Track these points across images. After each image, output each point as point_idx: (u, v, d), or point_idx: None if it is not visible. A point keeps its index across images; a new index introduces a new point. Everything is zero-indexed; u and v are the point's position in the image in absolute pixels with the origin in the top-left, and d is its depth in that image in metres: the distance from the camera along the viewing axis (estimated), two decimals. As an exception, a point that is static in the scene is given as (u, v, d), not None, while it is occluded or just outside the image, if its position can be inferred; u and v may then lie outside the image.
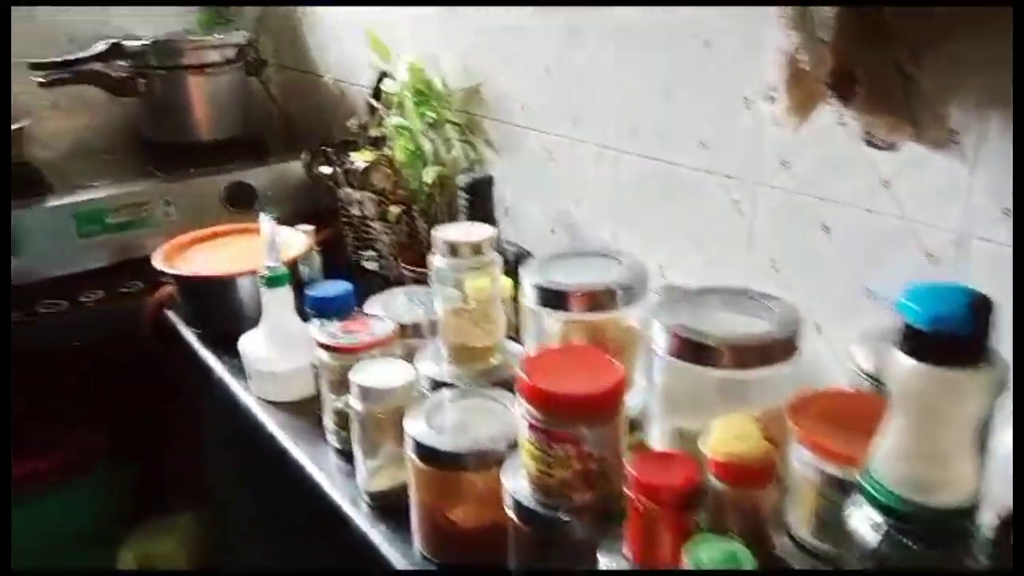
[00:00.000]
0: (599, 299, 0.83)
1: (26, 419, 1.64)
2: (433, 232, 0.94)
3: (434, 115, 1.41)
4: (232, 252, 1.40)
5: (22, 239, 1.45)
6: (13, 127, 1.54)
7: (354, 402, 0.89)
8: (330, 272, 1.42)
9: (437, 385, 0.93)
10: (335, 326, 1.01)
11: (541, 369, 0.71)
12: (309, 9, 1.83)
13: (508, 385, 0.87)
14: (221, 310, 1.31)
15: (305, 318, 1.10)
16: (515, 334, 1.02)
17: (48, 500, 1.62)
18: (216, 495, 1.58)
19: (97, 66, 1.62)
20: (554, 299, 0.84)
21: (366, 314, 1.05)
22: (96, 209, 1.52)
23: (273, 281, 1.12)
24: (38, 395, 1.67)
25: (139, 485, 1.77)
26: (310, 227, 1.48)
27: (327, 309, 1.04)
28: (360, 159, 1.51)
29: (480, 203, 1.30)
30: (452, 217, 1.43)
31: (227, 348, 1.27)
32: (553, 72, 1.25)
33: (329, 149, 1.58)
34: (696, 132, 1.05)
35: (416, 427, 0.81)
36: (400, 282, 1.47)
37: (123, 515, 1.76)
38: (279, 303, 1.13)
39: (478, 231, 0.93)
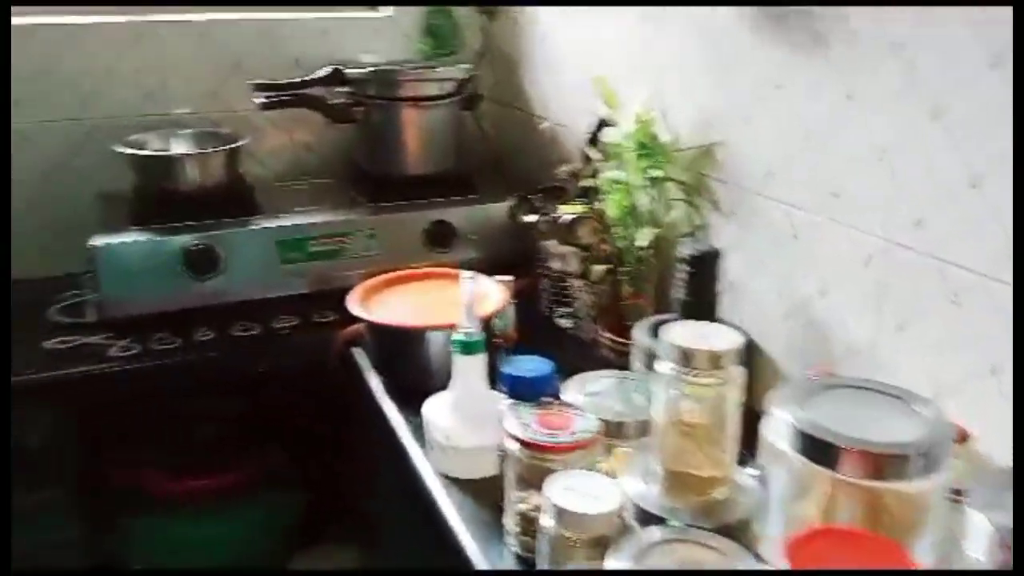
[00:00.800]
0: (886, 464, 0.63)
1: (204, 437, 1.66)
2: (662, 332, 0.79)
3: (659, 171, 1.26)
4: (427, 299, 1.31)
5: (225, 258, 1.45)
6: (234, 144, 1.55)
7: (546, 520, 0.75)
8: (522, 326, 1.31)
9: (645, 515, 0.77)
10: (530, 413, 0.88)
11: (811, 557, 0.53)
12: (535, 46, 1.75)
13: (733, 531, 0.70)
14: (409, 362, 1.22)
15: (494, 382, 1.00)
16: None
17: (215, 517, 1.61)
18: (381, 534, 1.51)
19: (317, 91, 1.61)
20: (821, 453, 0.65)
21: (566, 405, 0.91)
22: (299, 237, 1.50)
23: (467, 347, 1.01)
24: (219, 414, 1.68)
25: (306, 511, 1.73)
26: (508, 278, 1.38)
27: (524, 391, 0.92)
28: (568, 211, 1.39)
29: (702, 278, 1.14)
30: (664, 286, 1.27)
31: (409, 401, 1.19)
32: (815, 138, 1.06)
33: (536, 196, 1.47)
34: (1009, 232, 0.83)
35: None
36: (596, 346, 1.34)
37: (287, 539, 1.73)
38: (471, 371, 1.02)
39: (721, 338, 0.76)
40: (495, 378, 1.00)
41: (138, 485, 1.56)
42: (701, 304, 1.12)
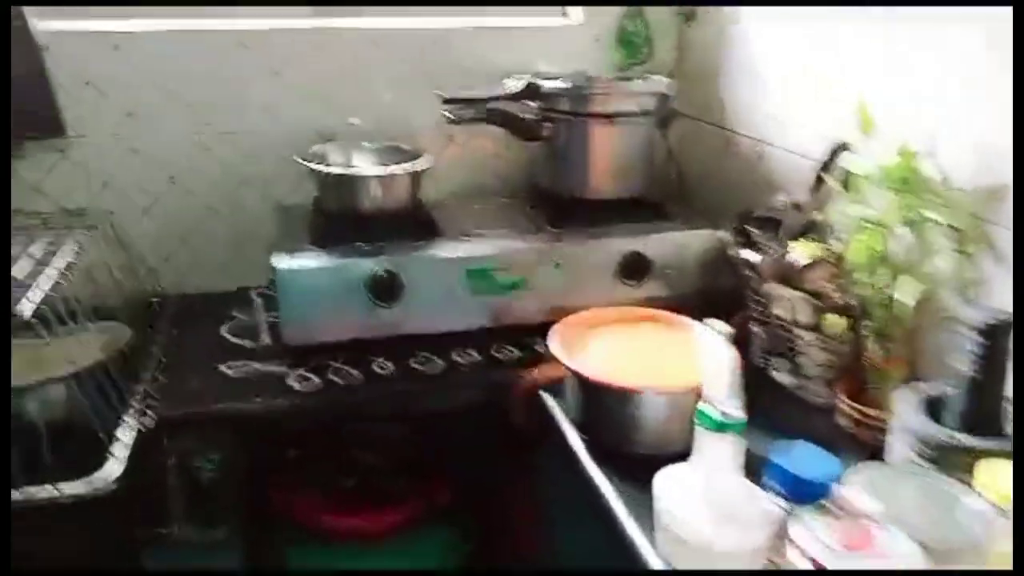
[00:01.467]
0: None
1: (371, 469, 1.57)
2: None
3: (929, 212, 1.07)
4: (637, 346, 1.17)
5: (408, 285, 1.35)
6: (414, 168, 1.44)
7: None
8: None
9: None
10: (820, 523, 0.72)
11: None
12: (738, 53, 1.57)
13: None
14: (618, 421, 1.08)
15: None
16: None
17: (378, 552, 1.52)
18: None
19: (507, 105, 1.49)
20: None
21: (862, 515, 0.74)
22: (485, 266, 1.38)
23: (723, 427, 0.85)
24: (388, 445, 1.60)
25: (471, 556, 1.62)
26: (726, 327, 1.22)
27: (802, 492, 0.76)
28: (801, 251, 1.21)
29: (994, 352, 0.94)
30: (926, 353, 1.08)
31: (613, 463, 1.06)
32: None
33: (754, 230, 1.30)
34: None
35: None
36: (830, 414, 1.16)
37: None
38: (724, 454, 0.87)
39: None
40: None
41: (303, 517, 1.49)
42: (992, 383, 0.93)
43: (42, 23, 1.44)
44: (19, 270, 1.16)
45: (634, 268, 1.43)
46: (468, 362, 1.36)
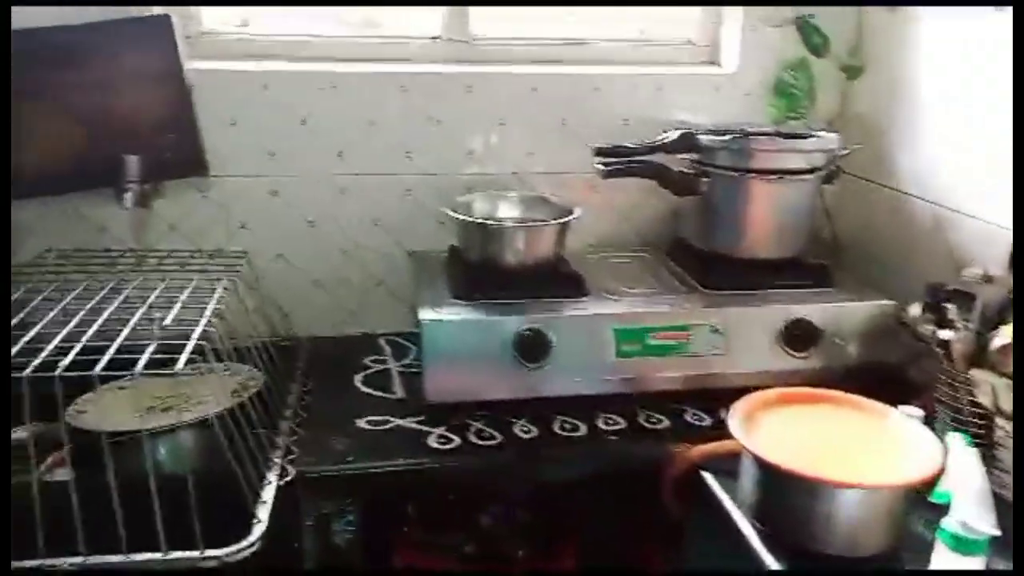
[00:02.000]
0: None
1: (499, 532, 1.49)
2: None
3: None
4: (819, 428, 1.06)
5: (556, 345, 1.27)
6: (567, 216, 1.37)
7: None
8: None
9: None
10: None
11: None
12: (912, 110, 1.46)
13: None
14: (810, 518, 0.97)
15: None
16: None
17: None
18: None
19: (661, 157, 1.41)
20: None
21: None
22: (638, 328, 1.29)
23: (972, 546, 0.74)
24: (521, 508, 1.51)
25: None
26: (916, 410, 1.10)
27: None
28: (1005, 332, 1.09)
29: None
30: None
31: (800, 563, 0.96)
32: None
33: (949, 306, 1.17)
34: None
35: None
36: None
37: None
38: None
39: None
40: None
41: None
42: None
43: (193, 63, 1.44)
44: (157, 310, 1.13)
45: (800, 337, 1.32)
46: (613, 429, 1.27)
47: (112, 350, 1.01)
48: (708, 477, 1.14)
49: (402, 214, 1.56)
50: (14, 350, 1.00)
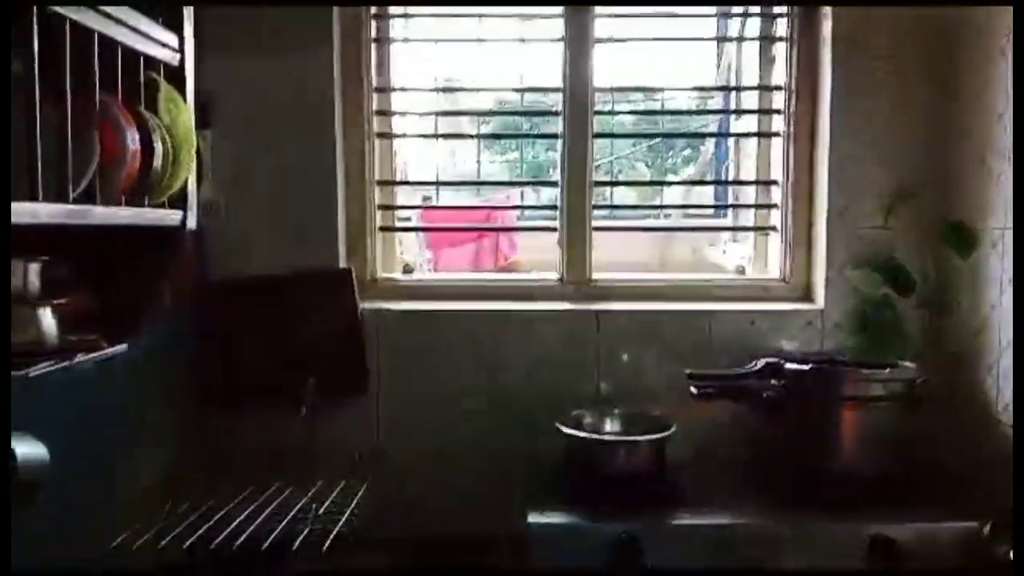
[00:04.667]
0: None
1: None
2: None
3: None
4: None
5: (647, 551, 1.41)
6: (665, 432, 1.56)
7: None
8: None
9: None
10: None
11: None
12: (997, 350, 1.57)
13: None
14: None
15: None
16: None
17: None
18: None
19: (751, 383, 1.59)
20: None
21: None
22: (726, 541, 1.41)
23: None
24: None
25: None
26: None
27: None
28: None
29: None
30: None
31: None
32: None
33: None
34: None
35: None
36: None
37: None
38: None
39: None
40: None
41: None
42: None
43: (366, 303, 1.82)
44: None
45: (883, 554, 1.38)
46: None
47: (274, 534, 1.27)
48: None
49: (522, 430, 1.79)
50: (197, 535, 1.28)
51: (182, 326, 1.71)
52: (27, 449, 0.86)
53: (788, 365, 1.58)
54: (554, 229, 1.93)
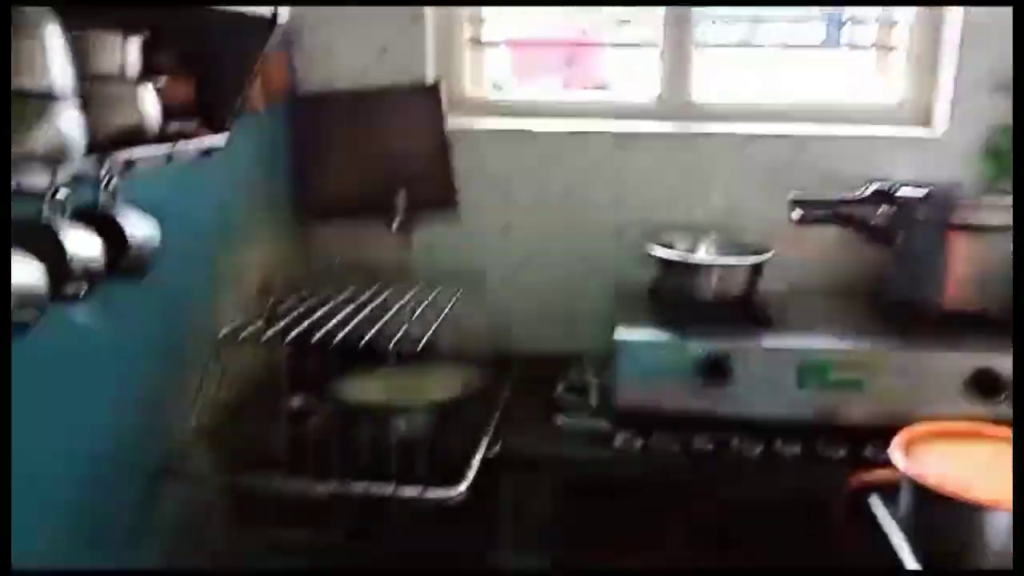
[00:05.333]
0: None
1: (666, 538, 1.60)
2: None
3: None
4: (976, 459, 1.10)
5: (738, 371, 1.40)
6: (761, 256, 1.51)
7: None
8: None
9: None
10: None
11: None
12: None
13: None
14: (959, 540, 1.02)
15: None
16: None
17: None
18: None
19: (859, 210, 1.51)
20: None
21: None
22: (820, 362, 1.39)
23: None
24: (688, 522, 1.62)
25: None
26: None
27: None
28: None
29: None
30: None
31: None
32: None
33: None
34: None
35: None
36: None
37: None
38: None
39: None
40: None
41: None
42: None
43: (454, 120, 1.77)
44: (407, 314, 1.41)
45: (986, 387, 1.34)
46: (789, 454, 1.37)
47: (370, 334, 1.30)
48: (876, 504, 1.21)
49: (611, 252, 1.77)
50: (298, 330, 1.32)
51: (277, 135, 1.71)
52: (137, 224, 0.87)
53: (900, 191, 1.48)
54: (654, 44, 1.81)
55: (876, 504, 1.20)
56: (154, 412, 1.25)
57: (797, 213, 1.51)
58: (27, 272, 0.69)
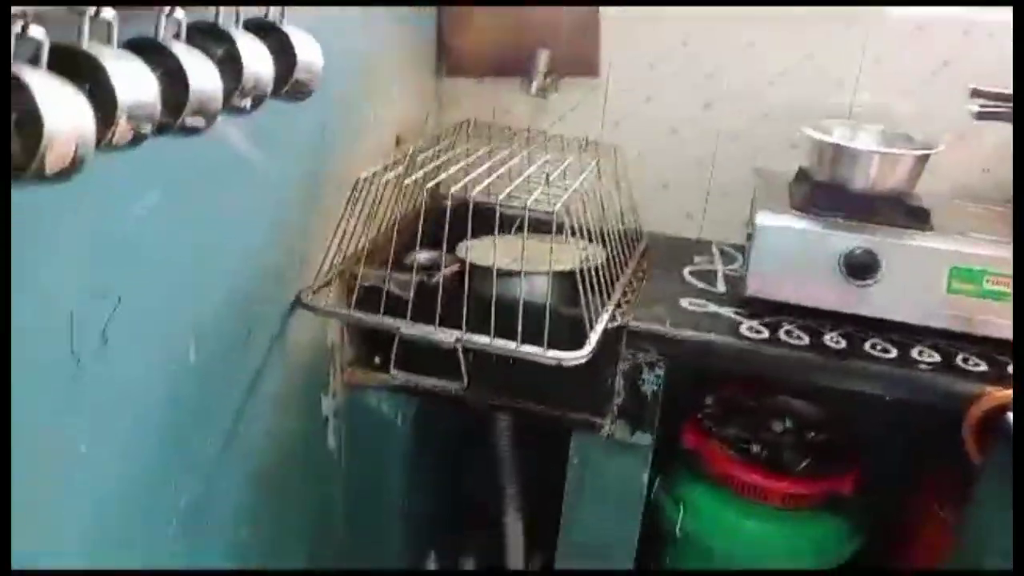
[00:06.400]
0: None
1: (785, 441, 1.59)
2: None
3: None
4: None
5: (884, 269, 1.32)
6: (925, 150, 1.39)
7: None
8: None
9: None
10: None
11: None
12: None
13: None
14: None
15: None
16: None
17: (770, 515, 1.52)
18: None
19: (1047, 108, 1.36)
20: None
21: None
22: (975, 269, 1.29)
23: None
24: (810, 422, 1.60)
25: (862, 551, 1.56)
26: None
27: None
28: None
29: None
30: None
31: None
32: None
33: None
34: None
35: None
36: None
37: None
38: None
39: None
40: None
41: (707, 452, 1.56)
42: None
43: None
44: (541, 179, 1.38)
45: None
46: (926, 360, 1.30)
47: (503, 194, 1.29)
48: (1011, 420, 1.15)
49: (757, 134, 1.68)
50: (435, 182, 1.32)
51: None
52: (304, 44, 0.86)
53: (1104, 89, 1.32)
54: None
55: (1011, 422, 1.14)
56: (294, 245, 1.29)
57: (975, 105, 1.37)
58: (206, 77, 0.70)
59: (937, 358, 1.31)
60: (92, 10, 0.61)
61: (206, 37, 0.75)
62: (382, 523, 1.60)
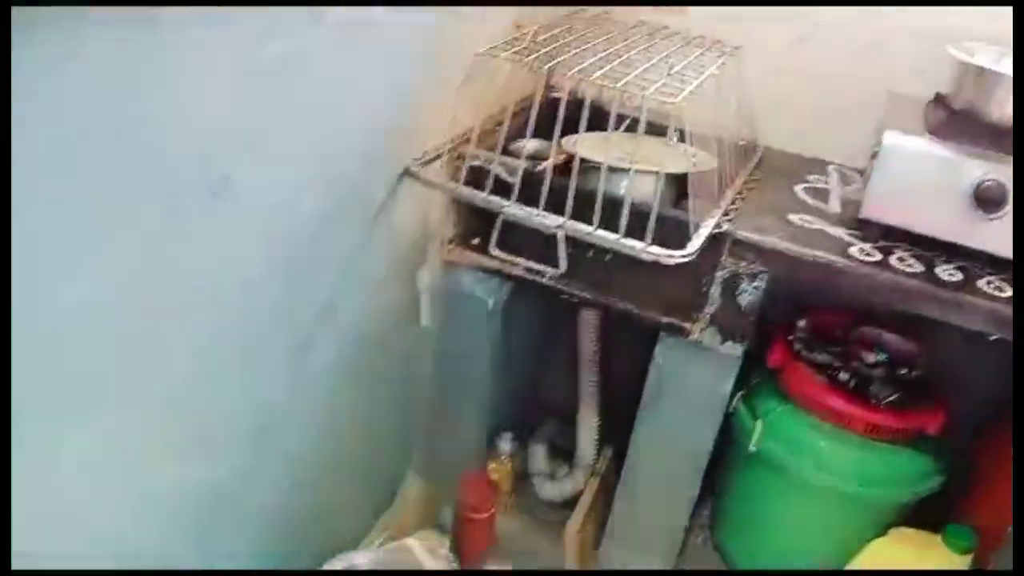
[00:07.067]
0: None
1: (872, 368, 1.55)
2: None
3: None
4: None
5: (1014, 203, 1.25)
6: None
7: None
8: None
9: None
10: None
11: None
12: None
13: None
14: None
15: None
16: None
17: (854, 444, 1.51)
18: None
19: None
20: None
21: None
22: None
23: None
24: (910, 360, 1.56)
25: (941, 492, 1.55)
26: None
27: None
28: None
29: None
30: None
31: None
32: None
33: None
34: None
35: None
36: None
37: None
38: None
39: None
40: None
41: (793, 373, 1.55)
42: None
43: None
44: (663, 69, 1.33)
45: None
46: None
47: (622, 83, 1.25)
48: None
49: (895, 54, 1.58)
50: (552, 63, 1.29)
51: None
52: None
53: None
54: None
55: None
56: (407, 116, 1.30)
57: None
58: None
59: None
60: None
61: None
62: (464, 400, 1.65)
